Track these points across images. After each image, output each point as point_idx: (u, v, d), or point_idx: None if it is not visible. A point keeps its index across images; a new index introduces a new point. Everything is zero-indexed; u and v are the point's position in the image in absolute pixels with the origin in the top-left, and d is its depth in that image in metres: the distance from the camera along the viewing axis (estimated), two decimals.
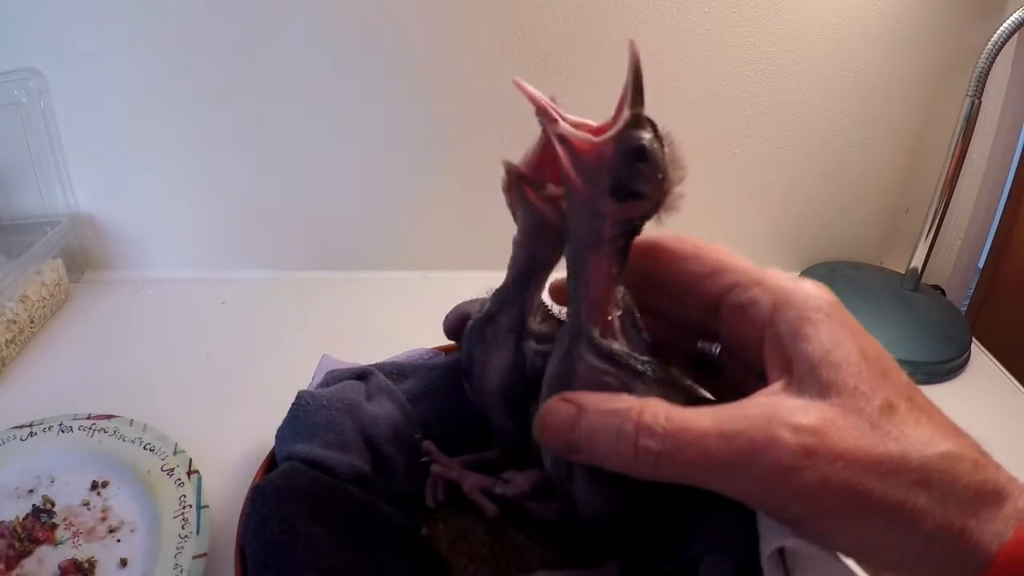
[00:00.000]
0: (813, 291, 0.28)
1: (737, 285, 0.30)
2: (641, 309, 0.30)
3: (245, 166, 0.67)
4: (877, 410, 0.25)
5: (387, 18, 0.61)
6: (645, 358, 0.29)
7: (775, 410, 0.25)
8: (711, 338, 0.32)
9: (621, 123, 0.26)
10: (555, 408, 0.28)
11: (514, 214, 0.32)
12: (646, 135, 0.27)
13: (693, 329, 0.32)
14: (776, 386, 0.27)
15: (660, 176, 0.27)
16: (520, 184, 0.30)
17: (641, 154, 0.27)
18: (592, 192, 0.27)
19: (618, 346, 0.29)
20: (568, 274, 0.30)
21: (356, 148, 0.67)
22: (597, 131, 0.27)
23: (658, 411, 0.26)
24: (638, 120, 0.27)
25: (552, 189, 0.30)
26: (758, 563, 0.27)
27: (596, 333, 0.29)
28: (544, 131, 0.27)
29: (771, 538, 0.26)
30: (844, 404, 0.25)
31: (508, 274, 0.34)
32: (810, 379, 0.26)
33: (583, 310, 0.29)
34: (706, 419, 0.25)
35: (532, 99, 0.27)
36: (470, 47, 0.63)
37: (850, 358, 0.26)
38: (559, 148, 0.27)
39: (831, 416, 0.25)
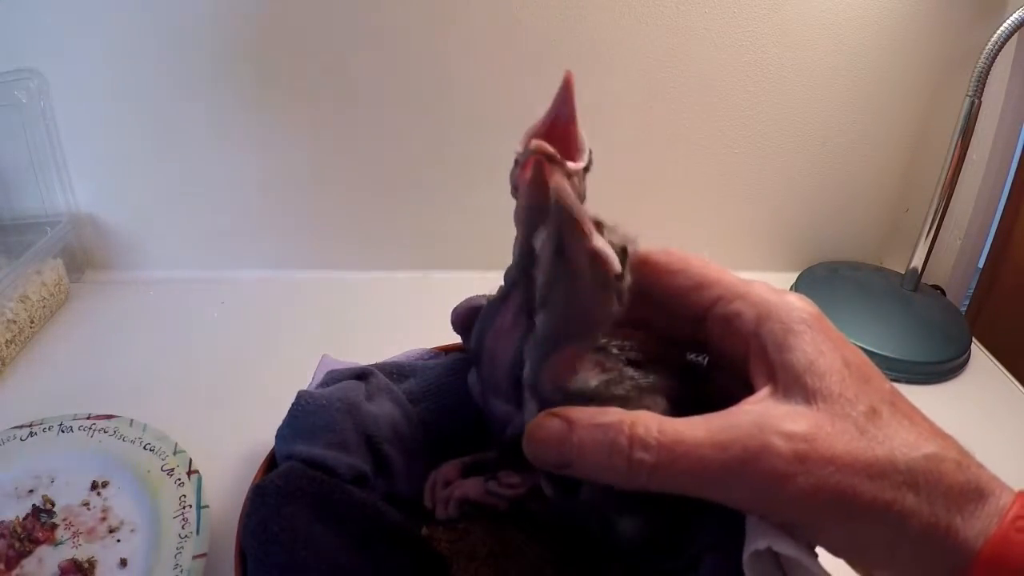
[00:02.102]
0: (796, 303, 0.29)
1: (722, 298, 0.30)
2: (631, 323, 0.30)
3: (245, 166, 0.67)
4: (862, 415, 0.25)
5: (386, 19, 0.61)
6: (620, 376, 0.30)
7: (766, 418, 0.26)
8: (699, 350, 0.33)
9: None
10: (544, 424, 0.28)
11: (515, 188, 0.32)
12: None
13: (682, 341, 0.33)
14: (763, 393, 0.27)
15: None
16: (541, 161, 0.28)
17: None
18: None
19: (595, 382, 0.29)
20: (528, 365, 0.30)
21: (356, 148, 0.67)
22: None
23: (650, 423, 0.26)
24: None
25: (571, 166, 0.29)
26: None
27: (569, 385, 0.29)
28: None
29: (755, 538, 0.26)
30: (831, 410, 0.25)
31: (515, 252, 0.33)
32: (796, 387, 0.26)
33: (544, 385, 0.30)
34: (699, 429, 0.26)
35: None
36: (470, 48, 0.63)
37: (834, 367, 0.26)
38: (562, 183, 0.27)
39: (820, 422, 0.25)
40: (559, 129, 0.28)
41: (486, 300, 0.36)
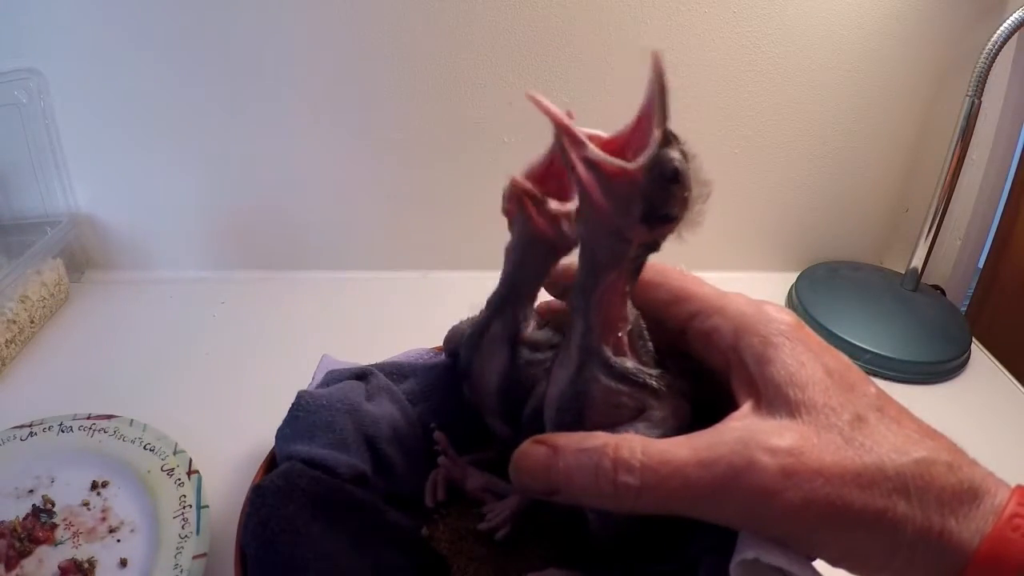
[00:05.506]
0: (773, 315, 0.29)
1: (699, 313, 0.30)
2: None
3: (245, 166, 0.67)
4: (848, 424, 0.25)
5: (386, 19, 0.61)
6: (655, 372, 0.29)
7: (751, 434, 0.25)
8: (686, 359, 0.33)
9: (654, 145, 0.25)
10: (529, 451, 0.28)
11: (510, 223, 0.32)
12: (677, 155, 0.25)
13: (669, 349, 0.32)
14: (746, 408, 0.27)
15: (688, 196, 0.26)
16: (523, 200, 0.30)
17: (676, 177, 0.25)
18: (621, 218, 0.26)
19: (631, 364, 0.29)
20: (577, 291, 0.29)
21: (357, 148, 0.67)
22: (612, 145, 0.26)
23: (634, 445, 0.26)
24: (667, 139, 0.25)
25: (555, 206, 0.30)
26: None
27: (609, 353, 0.29)
28: (562, 151, 0.25)
29: (743, 548, 0.26)
30: (816, 421, 0.25)
31: (500, 282, 0.34)
32: (779, 401, 0.26)
33: (595, 330, 0.29)
34: (683, 449, 0.26)
35: (552, 118, 0.25)
36: (470, 47, 0.63)
37: (815, 376, 0.26)
38: (583, 172, 0.25)
39: (806, 434, 0.25)
40: (555, 169, 0.29)
41: (469, 325, 0.36)
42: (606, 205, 0.26)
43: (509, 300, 0.34)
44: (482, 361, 0.35)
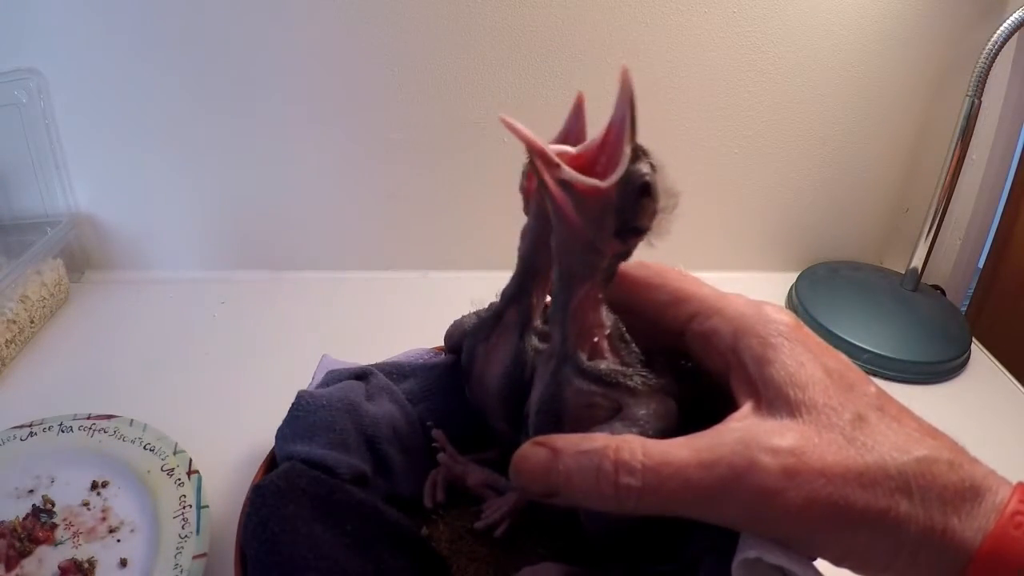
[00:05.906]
0: (772, 315, 0.29)
1: (698, 314, 0.30)
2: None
3: (245, 166, 0.67)
4: (849, 423, 0.25)
5: (386, 18, 0.61)
6: (633, 371, 0.30)
7: (752, 435, 0.25)
8: (684, 357, 0.33)
9: (625, 162, 0.26)
10: (529, 453, 0.28)
11: (526, 204, 0.32)
12: (647, 169, 0.27)
13: (666, 349, 0.32)
14: (746, 408, 0.27)
15: (657, 207, 0.27)
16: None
17: (647, 190, 0.27)
18: (594, 232, 0.27)
19: (605, 365, 0.30)
20: (553, 303, 0.30)
21: (356, 148, 0.67)
22: (580, 160, 0.27)
23: (635, 447, 0.26)
24: (637, 154, 0.27)
25: (568, 172, 0.30)
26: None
27: (583, 357, 0.29)
28: (536, 171, 0.26)
29: (745, 548, 0.26)
30: (816, 421, 0.25)
31: (516, 267, 0.34)
32: (779, 401, 0.26)
33: (570, 338, 0.30)
34: (684, 450, 0.26)
35: (525, 141, 0.26)
36: (469, 46, 0.63)
37: (815, 376, 0.26)
38: (556, 191, 0.26)
39: (807, 434, 0.25)
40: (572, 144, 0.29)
41: (476, 317, 0.36)
42: (579, 222, 0.27)
43: (525, 286, 0.34)
44: (487, 352, 0.35)
